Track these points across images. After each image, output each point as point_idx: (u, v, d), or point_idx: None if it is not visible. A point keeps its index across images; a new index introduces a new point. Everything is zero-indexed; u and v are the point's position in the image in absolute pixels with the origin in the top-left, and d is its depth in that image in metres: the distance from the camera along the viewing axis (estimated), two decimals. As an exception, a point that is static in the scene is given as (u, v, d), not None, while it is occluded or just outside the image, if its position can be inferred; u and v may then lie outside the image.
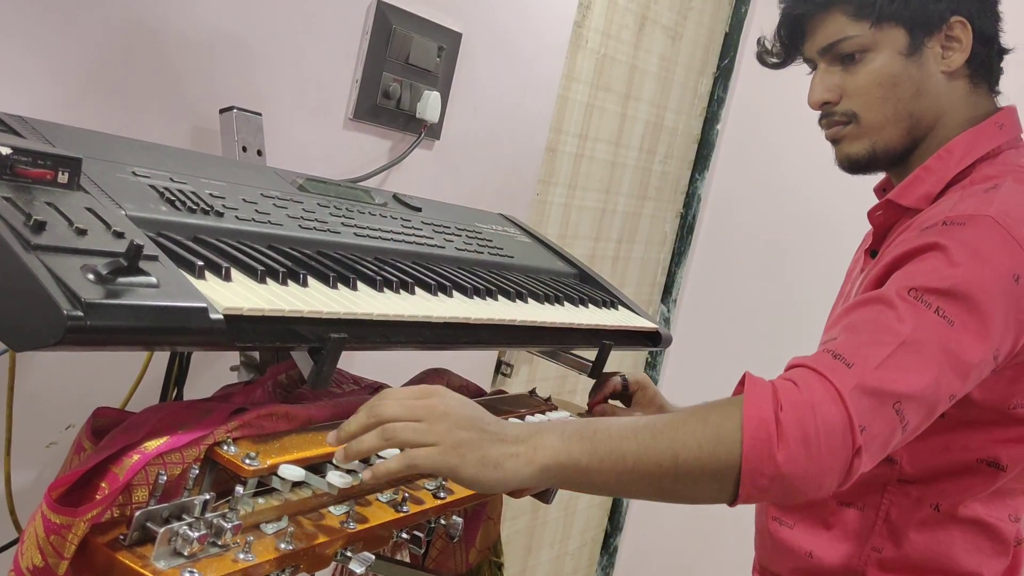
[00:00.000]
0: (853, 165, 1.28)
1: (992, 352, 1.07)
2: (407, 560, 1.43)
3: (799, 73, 1.35)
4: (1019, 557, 1.26)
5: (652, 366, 3.21)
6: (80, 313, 0.76)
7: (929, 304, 1.05)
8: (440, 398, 0.99)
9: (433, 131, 1.92)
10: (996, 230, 1.08)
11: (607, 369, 1.59)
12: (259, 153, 1.46)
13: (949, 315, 1.05)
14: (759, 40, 1.37)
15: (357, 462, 0.99)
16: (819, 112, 1.30)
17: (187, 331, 0.85)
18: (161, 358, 1.34)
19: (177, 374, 1.33)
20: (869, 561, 1.22)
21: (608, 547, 3.26)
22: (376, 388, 1.40)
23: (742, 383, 1.04)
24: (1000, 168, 1.20)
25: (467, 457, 0.95)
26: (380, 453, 0.99)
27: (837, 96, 1.26)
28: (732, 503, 1.00)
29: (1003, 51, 1.27)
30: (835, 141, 1.29)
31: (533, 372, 2.60)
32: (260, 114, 1.48)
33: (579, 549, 3.15)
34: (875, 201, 1.38)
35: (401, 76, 1.82)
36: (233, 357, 1.44)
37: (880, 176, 1.36)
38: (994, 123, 1.24)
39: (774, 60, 1.36)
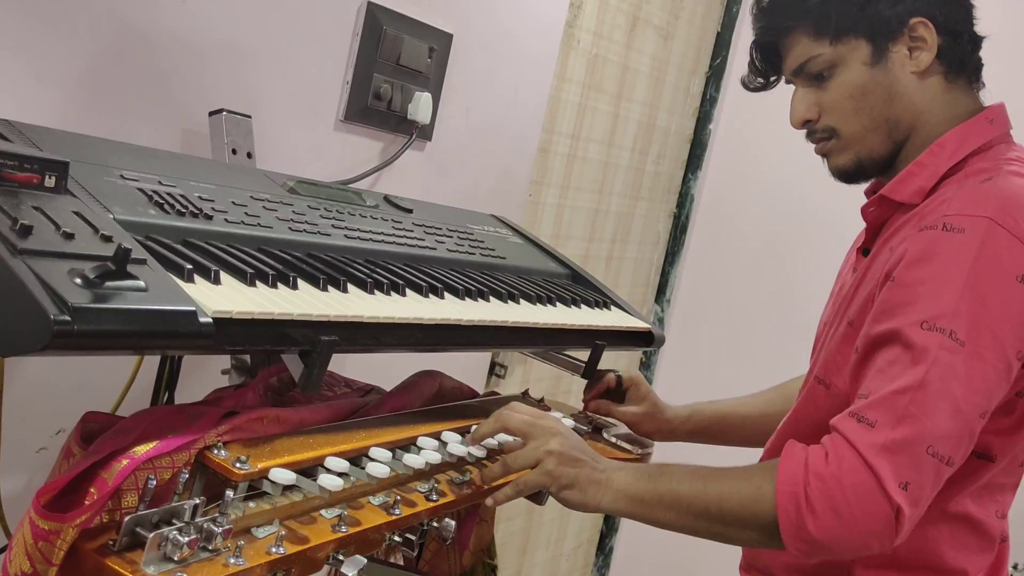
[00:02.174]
0: (844, 176, 1.32)
1: (1015, 354, 1.09)
2: (401, 563, 1.42)
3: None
4: (1003, 554, 1.26)
5: (646, 366, 3.20)
6: (67, 318, 0.76)
7: (942, 330, 1.07)
8: (551, 420, 1.24)
9: (424, 132, 1.92)
10: (996, 232, 1.09)
11: (601, 367, 1.59)
12: (249, 155, 1.46)
13: (961, 336, 1.07)
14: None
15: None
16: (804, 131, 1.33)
17: (176, 335, 0.85)
18: (152, 362, 1.34)
19: (168, 378, 1.33)
20: (857, 557, 1.21)
21: (604, 548, 3.26)
22: (368, 391, 1.39)
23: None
24: (992, 162, 1.20)
25: (562, 480, 1.19)
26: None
27: (816, 114, 1.29)
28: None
29: (977, 40, 1.27)
30: (824, 155, 1.32)
31: (527, 373, 2.59)
32: (250, 116, 1.48)
33: (575, 550, 3.14)
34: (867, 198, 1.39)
35: (392, 77, 1.81)
36: (224, 360, 1.44)
37: None
38: (985, 118, 1.25)
39: (754, 86, 1.40)
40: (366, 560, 0.98)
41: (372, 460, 1.08)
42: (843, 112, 1.26)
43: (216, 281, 0.95)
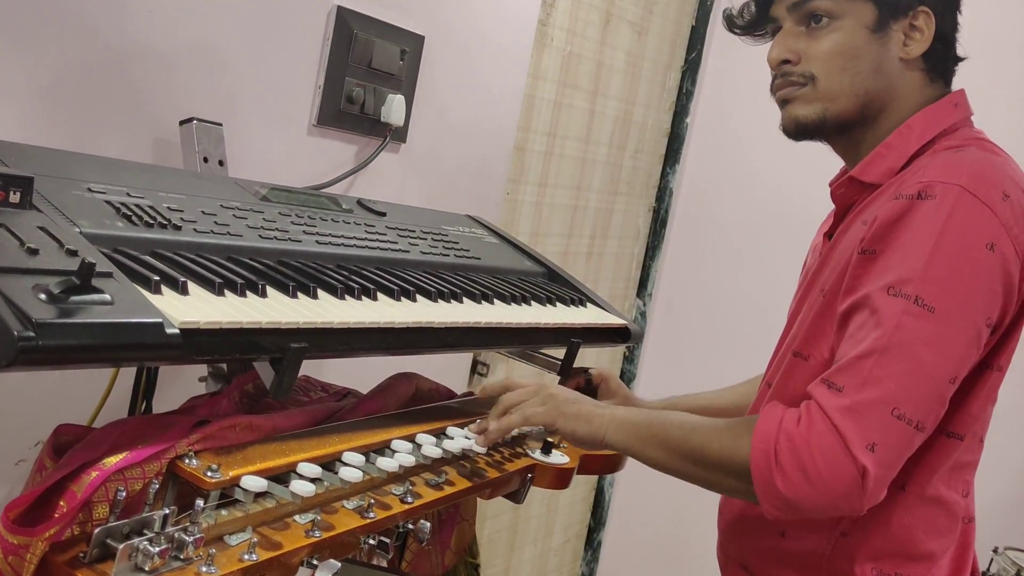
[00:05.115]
0: (799, 128, 1.29)
1: (984, 321, 1.11)
2: (384, 564, 1.43)
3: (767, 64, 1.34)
4: (968, 535, 1.28)
5: (630, 360, 3.22)
6: (31, 334, 0.76)
7: (908, 296, 1.09)
8: (547, 384, 1.35)
9: (399, 134, 1.93)
10: (967, 199, 1.11)
11: (587, 364, 1.60)
12: (221, 164, 1.46)
13: (928, 302, 1.08)
14: (725, 11, 1.40)
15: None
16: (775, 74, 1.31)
17: (143, 347, 0.85)
18: (129, 371, 1.34)
19: (145, 387, 1.33)
20: (836, 545, 1.23)
21: (592, 542, 3.27)
22: (345, 394, 1.40)
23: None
24: (960, 140, 1.23)
25: (567, 414, 1.27)
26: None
27: (797, 58, 1.27)
28: None
29: (958, 58, 1.30)
30: (785, 102, 1.30)
31: (510, 371, 2.60)
32: (221, 124, 1.48)
33: (563, 545, 3.16)
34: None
35: (364, 80, 1.82)
36: (201, 368, 1.44)
37: (834, 170, 1.37)
38: (949, 102, 1.27)
39: (742, 23, 1.38)
40: (339, 564, 0.98)
41: (345, 465, 1.09)
42: (829, 65, 1.25)
43: (184, 292, 0.96)
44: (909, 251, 1.11)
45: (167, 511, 0.87)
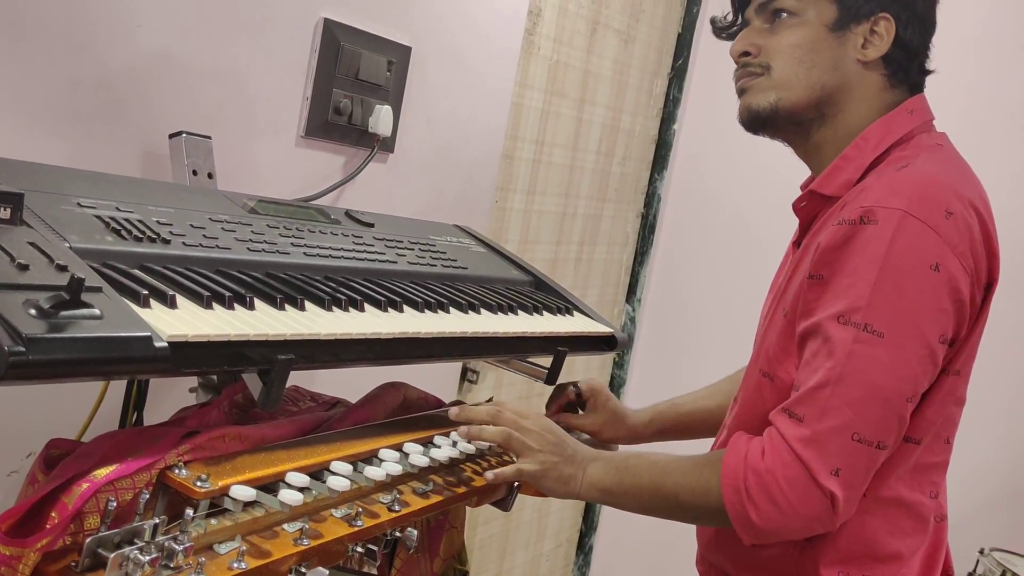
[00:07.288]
0: (752, 117, 1.32)
1: (937, 339, 1.14)
2: (374, 572, 1.45)
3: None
4: (940, 534, 1.30)
5: (619, 366, 3.24)
6: (22, 348, 0.78)
7: (857, 324, 1.12)
8: (536, 420, 1.33)
9: (386, 145, 1.94)
10: (909, 222, 1.13)
11: (577, 371, 1.62)
12: (210, 176, 1.48)
13: (877, 328, 1.12)
14: (712, 18, 1.45)
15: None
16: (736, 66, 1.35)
17: (131, 360, 0.87)
18: (120, 384, 1.35)
19: (136, 399, 1.34)
20: (804, 550, 1.25)
21: (583, 547, 3.29)
22: (334, 404, 1.42)
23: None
24: (913, 150, 1.25)
25: (550, 474, 1.29)
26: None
27: (757, 50, 1.31)
28: None
29: (924, 70, 1.32)
30: (742, 92, 1.34)
31: (500, 378, 2.62)
32: (209, 137, 1.50)
33: (554, 550, 3.17)
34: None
35: (351, 92, 1.84)
36: (192, 379, 1.46)
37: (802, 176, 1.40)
38: (905, 110, 1.29)
39: (721, 24, 1.43)
40: (328, 572, 1.00)
41: (333, 474, 1.10)
42: (786, 56, 1.28)
43: (172, 305, 0.97)
44: (855, 278, 1.14)
45: (157, 520, 0.89)
